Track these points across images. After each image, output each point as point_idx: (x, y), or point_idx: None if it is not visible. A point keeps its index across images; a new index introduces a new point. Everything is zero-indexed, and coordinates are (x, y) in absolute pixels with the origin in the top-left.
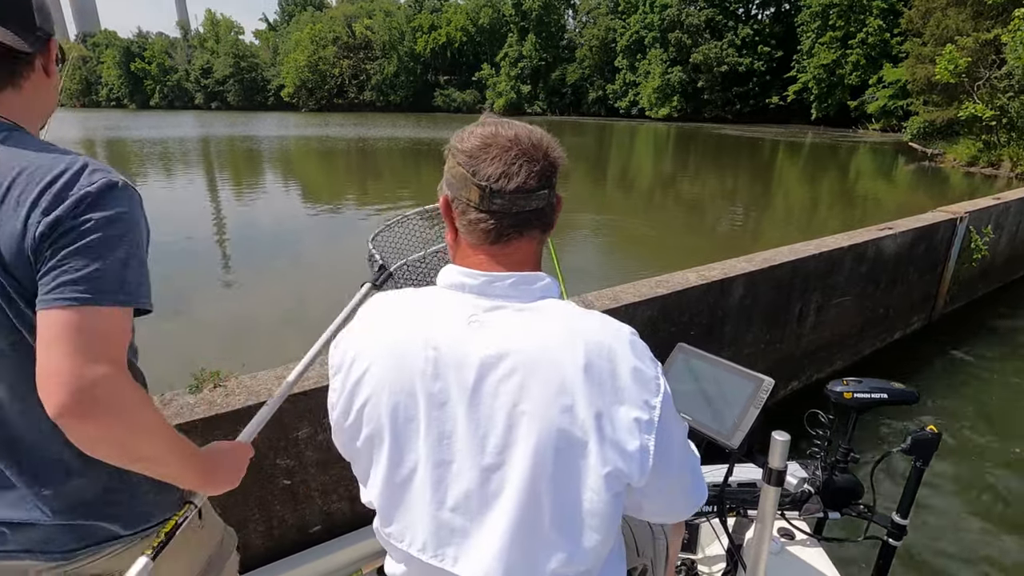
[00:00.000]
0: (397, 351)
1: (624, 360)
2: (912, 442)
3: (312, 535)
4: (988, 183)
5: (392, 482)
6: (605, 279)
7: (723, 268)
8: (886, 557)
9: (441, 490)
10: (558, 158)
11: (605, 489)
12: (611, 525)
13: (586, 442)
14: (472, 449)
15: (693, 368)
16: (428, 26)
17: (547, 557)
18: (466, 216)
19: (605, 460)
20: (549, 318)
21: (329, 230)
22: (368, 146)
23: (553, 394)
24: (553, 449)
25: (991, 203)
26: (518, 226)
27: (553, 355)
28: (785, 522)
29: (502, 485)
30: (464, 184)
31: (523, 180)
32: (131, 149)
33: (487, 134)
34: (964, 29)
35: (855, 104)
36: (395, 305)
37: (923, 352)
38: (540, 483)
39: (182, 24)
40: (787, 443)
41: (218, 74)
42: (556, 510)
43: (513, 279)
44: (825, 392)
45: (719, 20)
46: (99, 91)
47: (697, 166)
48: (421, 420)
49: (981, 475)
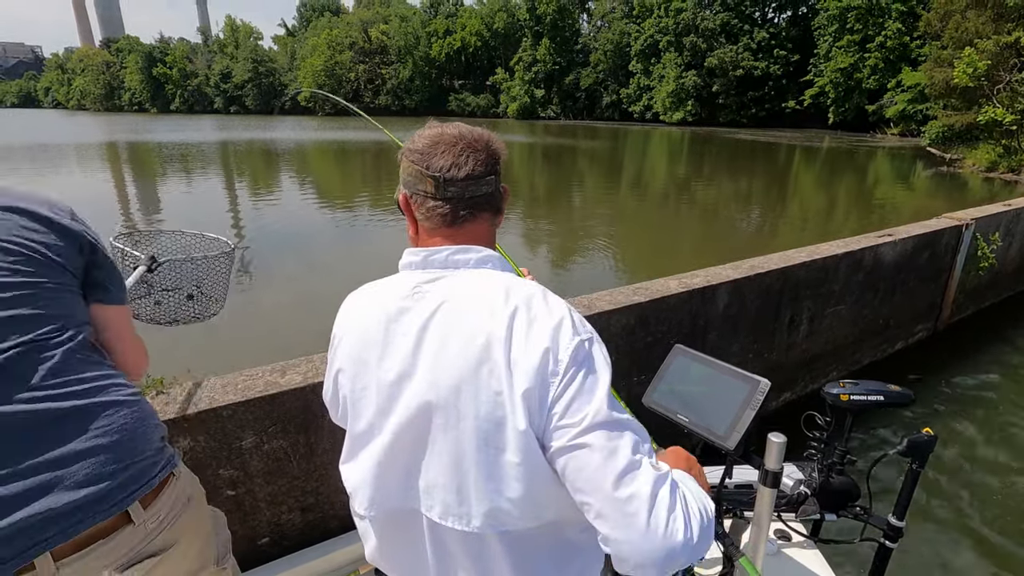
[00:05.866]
0: (359, 326)
1: (547, 315)
2: (908, 444)
3: (260, 547)
4: (1008, 189)
5: (352, 449)
6: (610, 284)
7: (706, 275)
8: (882, 559)
9: (385, 451)
10: (499, 150)
11: (521, 447)
12: (530, 475)
13: (500, 391)
14: (411, 403)
15: (689, 369)
16: (443, 31)
17: (476, 496)
18: (424, 205)
19: (515, 409)
20: (484, 278)
21: (345, 232)
22: (383, 148)
23: (474, 337)
24: (472, 401)
25: (1000, 209)
26: (471, 208)
27: (483, 299)
28: (781, 524)
29: (428, 432)
30: (419, 178)
31: (471, 168)
32: (171, 152)
33: (434, 134)
34: (984, 32)
35: (873, 108)
36: (364, 291)
37: (927, 362)
38: (459, 436)
39: (203, 30)
40: (783, 445)
41: (237, 79)
42: (477, 460)
43: (448, 251)
44: (821, 394)
45: (734, 24)
46: (122, 95)
47: (711, 171)
48: (372, 388)
49: (978, 478)
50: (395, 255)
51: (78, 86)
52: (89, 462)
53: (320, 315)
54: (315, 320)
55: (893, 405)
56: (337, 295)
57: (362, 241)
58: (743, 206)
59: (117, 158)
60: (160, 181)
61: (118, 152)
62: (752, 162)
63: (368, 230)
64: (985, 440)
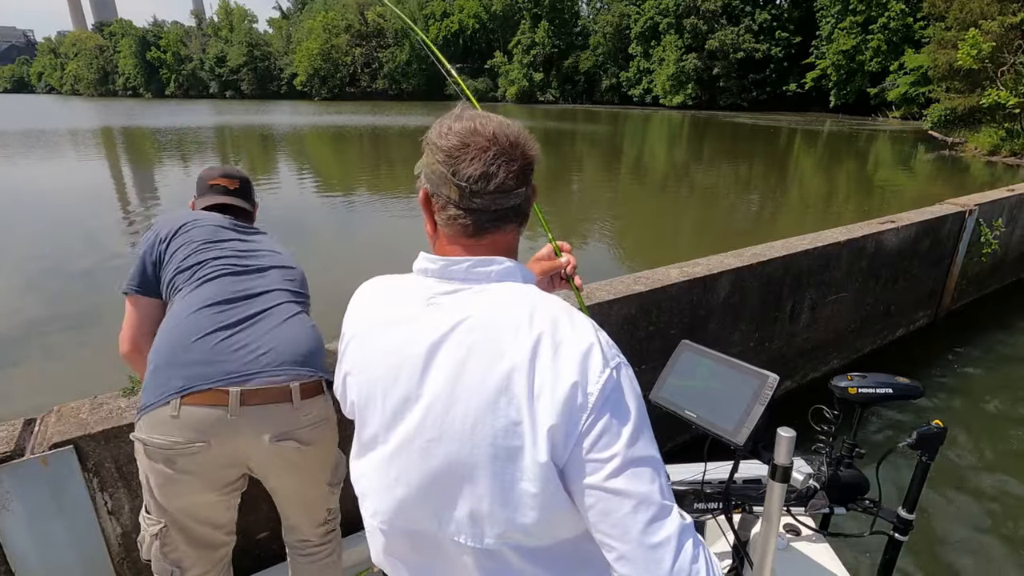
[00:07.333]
0: (367, 330)
1: (575, 342)
2: (917, 437)
3: (259, 541)
4: (1011, 173)
5: (360, 452)
6: (611, 273)
7: (708, 264)
8: (892, 552)
9: (391, 466)
10: (534, 155)
11: (539, 477)
12: (546, 505)
13: (520, 422)
14: (418, 423)
15: (697, 365)
16: (440, 13)
17: (488, 523)
18: (446, 212)
19: (536, 441)
20: (506, 295)
21: (344, 218)
22: (380, 132)
23: (496, 362)
24: (489, 429)
25: (1003, 195)
26: (496, 221)
27: (505, 320)
28: (791, 518)
29: (438, 456)
30: (444, 182)
31: (502, 180)
32: (167, 138)
33: (465, 131)
34: (989, 13)
35: (875, 91)
36: (377, 288)
37: (928, 349)
38: (472, 462)
39: (197, 13)
40: (792, 439)
41: (232, 63)
42: (492, 488)
43: (469, 263)
44: (830, 387)
45: (736, 5)
46: (115, 80)
47: (712, 155)
48: (379, 396)
49: (987, 470)
50: (397, 243)
51: (71, 71)
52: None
53: (322, 308)
54: (317, 316)
55: (902, 398)
56: (337, 283)
57: (362, 227)
58: (743, 191)
59: (113, 143)
60: (157, 167)
61: (113, 137)
62: (752, 146)
63: (368, 215)
64: (990, 428)
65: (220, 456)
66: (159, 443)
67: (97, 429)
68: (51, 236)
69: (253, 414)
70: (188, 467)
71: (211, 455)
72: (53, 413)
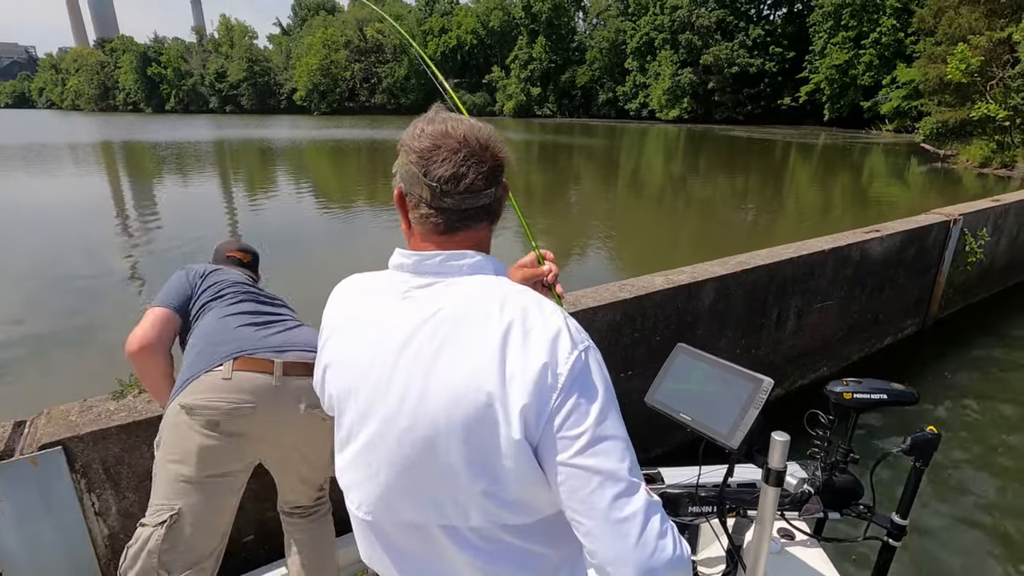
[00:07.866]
0: (346, 325)
1: (544, 328)
2: (912, 443)
3: (246, 544)
4: (1002, 184)
5: (340, 446)
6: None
7: (692, 272)
8: (886, 557)
9: (368, 457)
10: (504, 157)
11: (514, 453)
12: (523, 479)
13: (492, 404)
14: (393, 413)
15: (692, 369)
16: (439, 29)
17: (466, 503)
18: (418, 210)
19: (509, 420)
20: (478, 286)
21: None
22: (378, 146)
23: (469, 350)
24: (462, 413)
25: (988, 205)
26: (466, 220)
27: (477, 310)
28: (785, 522)
29: (416, 444)
30: (416, 182)
31: (471, 181)
32: (167, 153)
33: (437, 133)
34: (977, 28)
35: (868, 105)
36: (354, 284)
37: (917, 356)
38: (447, 446)
39: (198, 29)
40: (787, 443)
41: (232, 78)
42: (470, 468)
43: (442, 257)
44: (825, 392)
45: (730, 21)
46: (116, 95)
47: (707, 168)
48: (356, 389)
49: (979, 476)
50: (390, 251)
51: (72, 86)
52: None
53: (314, 309)
54: (310, 315)
55: (896, 404)
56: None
57: (358, 237)
58: (739, 203)
59: (112, 157)
60: (156, 181)
61: (113, 152)
62: (748, 159)
63: (364, 228)
64: (981, 434)
65: (258, 426)
66: (211, 404)
67: (86, 431)
68: (50, 249)
69: (292, 383)
70: (231, 428)
71: (255, 420)
72: (43, 415)
